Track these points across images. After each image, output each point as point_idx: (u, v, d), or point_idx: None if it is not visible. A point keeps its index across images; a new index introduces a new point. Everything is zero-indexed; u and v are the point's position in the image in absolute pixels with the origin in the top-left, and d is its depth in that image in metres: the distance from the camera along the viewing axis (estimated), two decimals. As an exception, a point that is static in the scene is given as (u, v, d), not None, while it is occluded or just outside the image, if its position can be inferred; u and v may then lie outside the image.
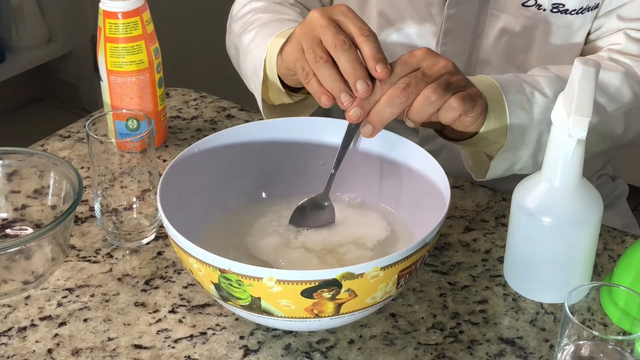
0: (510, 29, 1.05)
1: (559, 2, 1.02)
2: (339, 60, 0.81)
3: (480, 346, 0.82)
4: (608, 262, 0.93)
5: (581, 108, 0.76)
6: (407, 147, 0.90)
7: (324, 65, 0.82)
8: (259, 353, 0.81)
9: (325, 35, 0.82)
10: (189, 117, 1.18)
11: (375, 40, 0.81)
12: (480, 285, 0.89)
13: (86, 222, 0.97)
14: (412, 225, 0.89)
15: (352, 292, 0.74)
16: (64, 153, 1.10)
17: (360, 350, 0.81)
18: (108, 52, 1.03)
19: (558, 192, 0.82)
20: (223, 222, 0.89)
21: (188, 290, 0.88)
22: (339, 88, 0.82)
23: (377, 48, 0.81)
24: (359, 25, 0.82)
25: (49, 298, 0.87)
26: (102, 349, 0.81)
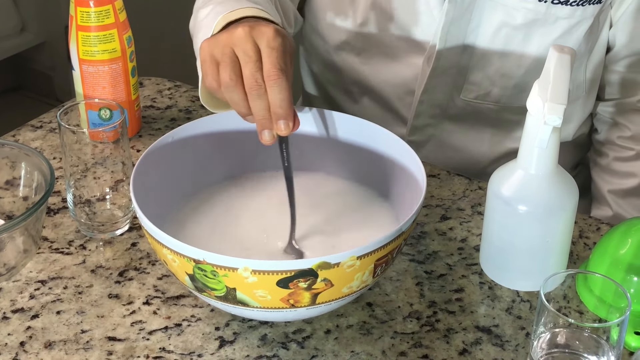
0: (509, 21, 1.04)
1: None
2: (251, 103, 0.79)
3: (457, 335, 0.82)
4: (583, 250, 0.93)
5: (556, 95, 0.76)
6: (384, 136, 0.90)
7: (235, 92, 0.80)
8: (234, 344, 0.80)
9: (245, 66, 0.79)
10: (163, 106, 1.17)
11: (282, 87, 0.78)
12: (457, 273, 0.89)
13: (59, 213, 0.96)
14: (388, 213, 0.89)
15: (329, 281, 0.73)
16: (35, 143, 1.08)
17: (336, 340, 0.81)
18: (80, 41, 1.01)
19: (534, 180, 0.82)
20: (197, 213, 0.89)
21: (162, 281, 0.87)
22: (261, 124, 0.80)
23: (281, 99, 0.78)
24: (271, 65, 0.79)
25: (21, 290, 0.86)
26: (75, 341, 0.80)
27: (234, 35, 0.80)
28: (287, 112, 0.79)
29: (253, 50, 0.79)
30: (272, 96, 0.78)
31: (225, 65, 0.80)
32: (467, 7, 1.03)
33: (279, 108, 0.78)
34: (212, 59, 0.81)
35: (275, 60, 0.79)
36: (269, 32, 0.80)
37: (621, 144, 1.14)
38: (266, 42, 0.79)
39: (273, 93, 0.78)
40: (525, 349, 0.80)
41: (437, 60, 1.07)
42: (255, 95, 0.79)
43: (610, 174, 1.15)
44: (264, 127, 0.80)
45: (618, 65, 1.11)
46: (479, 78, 1.10)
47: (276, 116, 0.79)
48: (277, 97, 0.78)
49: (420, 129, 1.15)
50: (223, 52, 0.80)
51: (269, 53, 0.79)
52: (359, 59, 1.14)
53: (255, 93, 0.79)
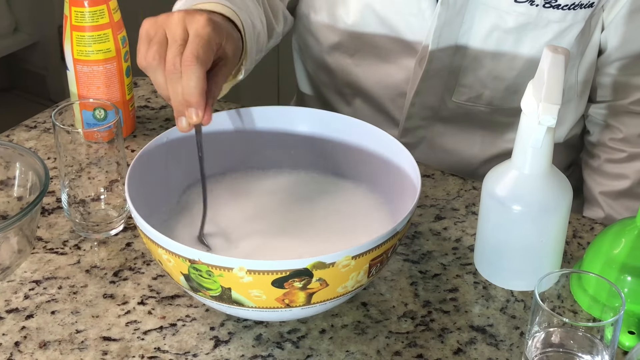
0: (501, 24, 1.05)
1: None
2: (169, 86, 0.79)
3: (451, 334, 0.82)
4: (577, 250, 0.93)
5: (551, 96, 0.76)
6: (379, 136, 0.90)
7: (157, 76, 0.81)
8: (229, 344, 0.80)
9: (169, 49, 0.79)
10: (158, 106, 1.17)
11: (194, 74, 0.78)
12: (451, 273, 0.89)
13: (53, 213, 0.96)
14: (383, 213, 0.89)
15: (324, 281, 0.73)
16: (30, 143, 1.08)
17: (331, 339, 0.81)
18: (74, 41, 1.01)
19: (528, 180, 0.82)
20: (192, 213, 0.88)
21: (157, 281, 0.87)
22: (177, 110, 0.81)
23: (192, 87, 0.78)
24: (190, 51, 0.78)
25: (16, 290, 0.86)
26: (70, 341, 0.80)
27: (169, 18, 0.81)
28: (198, 100, 0.78)
29: (180, 35, 0.80)
30: (184, 83, 0.78)
31: (152, 45, 0.80)
32: (459, 10, 1.04)
33: (189, 95, 0.79)
34: (146, 37, 0.82)
35: (195, 47, 0.79)
36: (201, 20, 0.80)
37: (613, 146, 1.14)
38: (195, 29, 0.80)
39: (186, 80, 0.78)
40: (519, 349, 0.81)
41: (429, 62, 1.07)
42: (170, 78, 0.79)
43: (601, 176, 1.16)
44: (180, 113, 0.80)
45: (610, 67, 1.12)
46: (470, 80, 1.10)
47: (187, 103, 0.79)
48: (188, 85, 0.78)
49: (411, 131, 1.15)
50: (155, 33, 0.81)
51: (192, 40, 0.79)
52: (352, 61, 1.14)
53: (171, 77, 0.79)
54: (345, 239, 0.85)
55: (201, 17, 0.81)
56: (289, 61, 1.30)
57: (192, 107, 0.79)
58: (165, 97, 0.81)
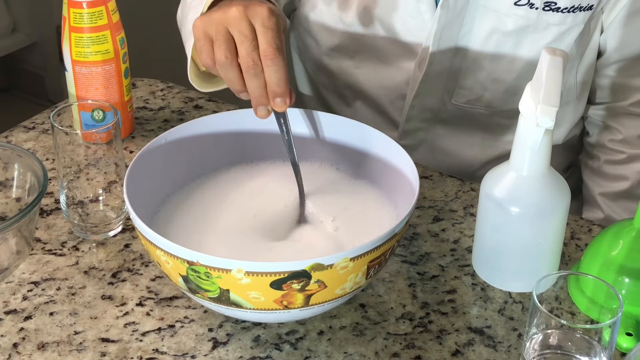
0: (500, 27, 1.05)
1: (551, 0, 1.02)
2: (247, 81, 0.82)
3: (449, 336, 0.82)
4: (575, 251, 0.93)
5: (549, 98, 0.76)
6: (378, 138, 0.90)
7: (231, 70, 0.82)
8: (228, 345, 0.81)
9: (240, 45, 0.81)
10: (156, 107, 1.17)
11: (279, 65, 0.80)
12: (449, 275, 0.89)
13: (52, 214, 0.96)
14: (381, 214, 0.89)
15: (322, 283, 0.73)
16: (28, 144, 1.08)
17: (330, 341, 0.81)
18: (73, 42, 1.01)
19: (526, 182, 0.83)
20: (191, 214, 0.88)
21: (156, 282, 0.87)
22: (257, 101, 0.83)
23: (279, 78, 0.80)
24: (267, 44, 0.80)
25: (14, 292, 0.86)
26: (68, 342, 0.80)
27: (228, 14, 0.82)
28: (284, 89, 0.81)
29: (248, 29, 0.81)
30: (269, 75, 0.80)
31: (220, 44, 0.81)
32: (459, 12, 1.04)
33: (276, 86, 0.81)
34: (206, 37, 0.82)
35: (271, 40, 0.80)
36: (264, 12, 0.81)
37: (612, 147, 1.14)
38: (261, 21, 0.81)
39: (270, 72, 0.80)
40: (517, 350, 0.81)
41: (429, 65, 1.07)
42: (252, 74, 0.81)
43: (601, 177, 1.16)
44: (260, 103, 0.82)
45: (609, 69, 1.12)
46: (470, 83, 1.10)
47: (273, 94, 0.81)
48: (275, 76, 0.80)
49: (411, 133, 1.15)
50: (217, 31, 0.82)
51: (265, 32, 0.80)
52: (352, 63, 1.15)
53: (252, 72, 0.80)
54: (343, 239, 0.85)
55: (262, 8, 0.82)
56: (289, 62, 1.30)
57: (279, 97, 0.81)
58: (237, 91, 0.83)
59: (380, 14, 1.08)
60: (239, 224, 0.87)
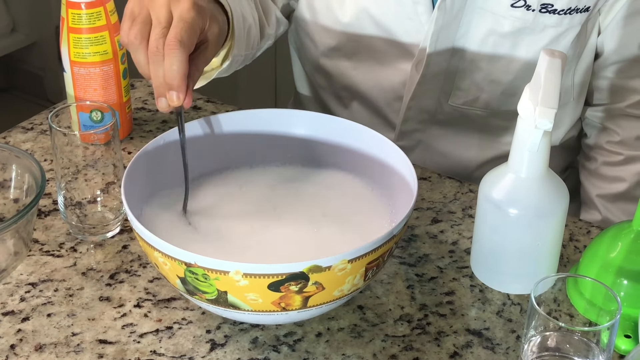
0: (497, 29, 1.05)
1: (547, 2, 1.02)
2: (151, 67, 0.81)
3: (448, 337, 0.82)
4: (574, 253, 0.93)
5: (547, 99, 0.76)
6: (376, 139, 0.90)
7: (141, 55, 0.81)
8: (225, 347, 0.80)
9: (152, 30, 0.81)
10: (155, 108, 1.17)
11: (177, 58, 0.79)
12: (448, 276, 0.89)
13: (49, 215, 0.96)
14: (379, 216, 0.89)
15: (320, 285, 0.73)
16: (26, 145, 1.08)
17: (327, 342, 0.81)
18: (71, 43, 1.01)
19: (524, 184, 0.82)
20: (189, 215, 0.88)
21: (154, 284, 0.87)
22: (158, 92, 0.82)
23: (175, 70, 0.79)
24: (173, 35, 0.80)
25: (12, 293, 0.86)
26: (66, 344, 0.80)
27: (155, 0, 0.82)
28: (179, 84, 0.79)
29: (165, 17, 0.81)
30: (167, 65, 0.79)
31: (136, 24, 0.81)
32: (456, 14, 1.04)
33: (171, 79, 0.80)
34: (131, 15, 0.82)
35: (179, 32, 0.79)
36: (186, 4, 0.81)
37: (610, 149, 1.14)
38: (179, 12, 0.81)
39: (168, 63, 0.79)
40: (515, 352, 0.81)
41: (426, 66, 1.07)
42: (153, 60, 0.80)
43: (598, 179, 1.16)
44: (160, 94, 0.81)
45: (606, 71, 1.12)
46: (467, 84, 1.10)
47: (168, 86, 0.80)
48: (171, 68, 0.79)
49: (408, 134, 1.15)
50: (140, 12, 0.82)
51: (177, 24, 0.80)
52: (349, 64, 1.14)
53: (153, 58, 0.80)
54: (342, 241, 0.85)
55: (186, 0, 0.81)
56: (287, 62, 1.30)
57: (173, 90, 0.80)
58: (145, 76, 0.82)
59: (377, 15, 1.08)
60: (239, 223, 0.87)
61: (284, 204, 0.89)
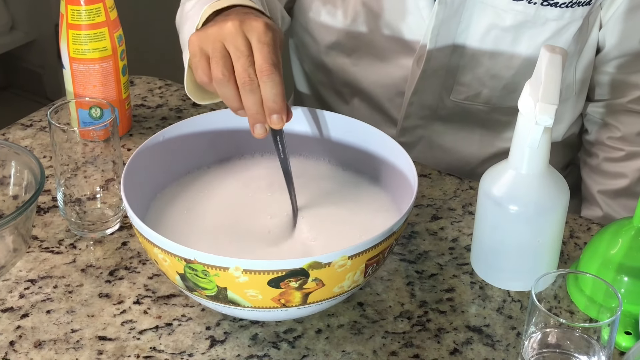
0: (498, 23, 1.04)
1: None
2: (244, 98, 0.80)
3: (448, 334, 0.82)
4: (574, 250, 0.93)
5: (548, 95, 0.76)
6: (376, 136, 0.90)
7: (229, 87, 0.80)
8: (225, 344, 0.80)
9: (237, 61, 0.80)
10: (154, 105, 1.17)
11: (275, 81, 0.79)
12: (448, 273, 0.89)
13: (49, 212, 0.96)
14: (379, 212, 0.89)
15: (320, 281, 0.73)
16: (25, 142, 1.08)
17: (327, 339, 0.81)
18: (70, 39, 1.01)
19: (525, 180, 0.82)
20: (189, 212, 0.88)
21: (153, 280, 0.87)
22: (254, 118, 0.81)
23: (275, 94, 0.79)
24: (263, 60, 0.79)
25: (11, 289, 0.86)
26: (65, 340, 0.80)
27: (224, 30, 0.80)
28: (281, 106, 0.79)
29: (244, 45, 0.79)
30: (265, 91, 0.79)
31: (216, 61, 0.80)
32: (456, 8, 1.03)
33: (272, 103, 0.79)
34: (202, 53, 0.81)
35: (267, 55, 0.79)
36: (260, 27, 0.80)
37: (611, 145, 1.14)
38: (257, 36, 0.80)
39: (266, 88, 0.79)
40: (516, 349, 0.81)
41: (427, 61, 1.07)
42: (248, 90, 0.79)
43: (600, 175, 1.15)
44: (257, 120, 0.80)
45: (608, 66, 1.12)
46: (468, 79, 1.10)
47: (270, 110, 0.79)
48: (271, 92, 0.79)
49: (410, 130, 1.15)
50: (214, 47, 0.80)
51: (261, 48, 0.79)
52: (349, 60, 1.14)
53: (248, 88, 0.79)
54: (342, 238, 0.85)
55: (258, 23, 0.81)
56: (286, 60, 1.30)
57: (276, 113, 0.79)
58: (234, 108, 0.81)
59: (378, 10, 1.08)
60: (238, 220, 0.87)
61: (283, 200, 0.89)
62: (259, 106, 0.79)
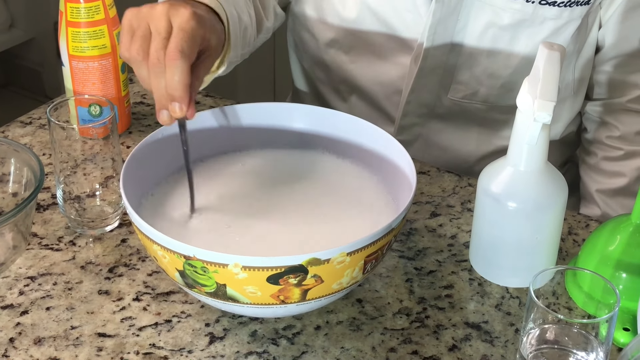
0: (496, 21, 1.04)
1: None
2: (152, 80, 0.80)
3: (446, 331, 0.82)
4: (573, 247, 0.93)
5: (546, 92, 0.76)
6: (375, 133, 0.90)
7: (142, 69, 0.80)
8: (224, 340, 0.80)
9: (152, 42, 0.79)
10: (153, 103, 1.16)
11: (179, 68, 0.78)
12: (446, 270, 0.89)
13: (48, 209, 0.96)
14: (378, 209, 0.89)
15: (319, 277, 0.73)
16: (25, 140, 1.08)
17: (326, 336, 0.81)
18: (70, 37, 1.01)
19: (523, 177, 0.83)
20: (187, 209, 0.88)
21: (152, 277, 0.87)
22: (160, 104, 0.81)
23: (177, 81, 0.78)
24: (174, 45, 0.79)
25: (11, 286, 0.86)
26: (65, 337, 0.80)
27: (153, 10, 0.81)
28: (182, 95, 0.79)
29: (164, 28, 0.79)
30: (168, 77, 0.79)
31: (136, 39, 0.80)
32: (454, 6, 1.03)
33: (173, 90, 0.79)
34: (129, 29, 0.81)
35: (180, 42, 0.79)
36: (185, 14, 0.80)
37: (610, 144, 1.14)
38: (179, 22, 0.80)
39: (170, 74, 0.78)
40: (514, 345, 0.81)
41: (425, 59, 1.07)
42: (155, 72, 0.79)
43: (598, 174, 1.16)
44: (162, 106, 0.80)
45: (607, 65, 1.12)
46: (466, 78, 1.10)
47: (170, 97, 0.79)
48: (173, 79, 0.78)
49: (407, 129, 1.15)
50: (138, 25, 0.81)
51: (176, 33, 0.79)
52: (347, 57, 1.14)
53: (155, 70, 0.79)
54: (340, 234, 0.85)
55: (185, 10, 0.80)
56: (285, 57, 1.30)
57: (176, 101, 0.79)
58: (148, 89, 0.81)
59: (376, 8, 1.08)
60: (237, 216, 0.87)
61: (282, 196, 0.89)
62: (164, 90, 0.79)
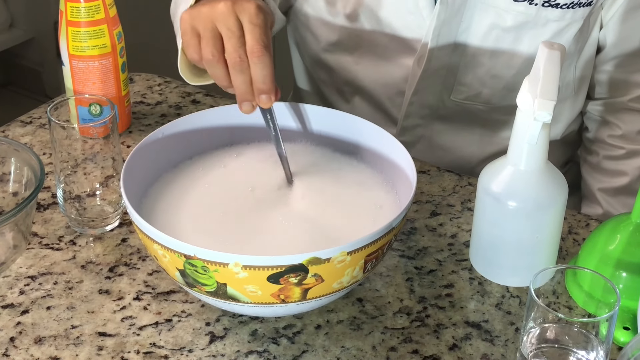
0: (499, 23, 1.04)
1: None
2: (233, 77, 0.82)
3: (447, 330, 0.82)
4: (573, 246, 0.93)
5: (546, 91, 0.76)
6: (375, 132, 0.90)
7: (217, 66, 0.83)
8: (225, 339, 0.81)
9: (228, 41, 0.82)
10: (153, 102, 1.17)
11: (265, 62, 0.81)
12: (447, 269, 0.89)
13: (49, 209, 0.96)
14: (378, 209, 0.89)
15: (319, 277, 0.73)
16: (25, 139, 1.08)
17: (327, 335, 0.81)
18: (70, 37, 1.01)
19: (523, 176, 0.83)
20: (189, 209, 0.88)
21: (153, 277, 0.87)
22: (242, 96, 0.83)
23: (264, 75, 0.81)
24: (255, 41, 0.81)
25: (11, 286, 0.86)
26: (65, 336, 0.80)
27: (216, 10, 0.82)
28: (270, 87, 0.82)
29: (236, 25, 0.81)
30: (255, 72, 0.81)
31: (207, 40, 0.81)
32: (458, 8, 1.03)
33: (261, 84, 0.81)
34: (193, 31, 0.82)
35: (259, 37, 0.81)
36: (252, 8, 0.82)
37: (611, 143, 1.14)
38: (249, 17, 0.81)
39: (256, 69, 0.81)
40: (514, 344, 0.81)
41: (428, 61, 1.07)
42: (238, 70, 0.81)
43: (600, 173, 1.16)
44: (244, 99, 0.83)
45: (608, 65, 1.12)
46: (469, 79, 1.10)
47: (259, 91, 0.82)
48: (261, 74, 0.81)
49: (410, 130, 1.15)
50: (205, 27, 0.82)
51: (252, 29, 0.81)
52: (351, 59, 1.14)
53: (238, 68, 0.81)
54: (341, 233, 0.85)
55: (249, 4, 0.82)
56: (286, 57, 1.30)
57: (264, 93, 0.82)
58: (223, 86, 0.84)
59: (378, 9, 1.08)
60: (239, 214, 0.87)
61: (283, 195, 0.89)
62: (247, 85, 0.82)
